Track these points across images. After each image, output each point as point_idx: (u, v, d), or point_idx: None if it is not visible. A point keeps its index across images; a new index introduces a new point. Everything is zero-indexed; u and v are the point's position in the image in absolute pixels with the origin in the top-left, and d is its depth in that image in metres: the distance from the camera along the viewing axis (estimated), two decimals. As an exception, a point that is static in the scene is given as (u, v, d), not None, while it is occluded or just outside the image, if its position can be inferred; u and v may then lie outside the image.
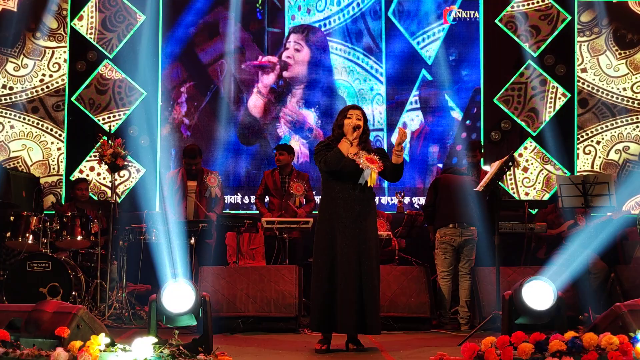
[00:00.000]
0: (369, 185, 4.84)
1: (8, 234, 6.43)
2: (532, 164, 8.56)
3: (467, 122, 8.65)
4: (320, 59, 8.72)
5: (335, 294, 4.76)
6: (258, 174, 8.44)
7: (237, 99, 8.65)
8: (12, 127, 8.54)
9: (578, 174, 8.21)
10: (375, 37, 8.72)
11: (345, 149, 4.84)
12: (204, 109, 8.63)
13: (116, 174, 6.63)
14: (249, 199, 8.43)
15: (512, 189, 8.57)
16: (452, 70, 8.69)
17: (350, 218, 4.82)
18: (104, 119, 8.56)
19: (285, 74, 8.66)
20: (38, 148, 8.55)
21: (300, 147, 8.55)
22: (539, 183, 8.55)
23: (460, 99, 8.69)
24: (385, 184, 8.40)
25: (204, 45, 8.72)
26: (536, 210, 7.58)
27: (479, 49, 8.70)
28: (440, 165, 8.51)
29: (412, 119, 8.69)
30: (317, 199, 7.67)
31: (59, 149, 8.55)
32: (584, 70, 8.62)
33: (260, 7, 8.75)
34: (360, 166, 4.79)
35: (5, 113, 8.56)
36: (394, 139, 5.31)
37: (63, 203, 7.90)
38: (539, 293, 4.17)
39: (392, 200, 8.46)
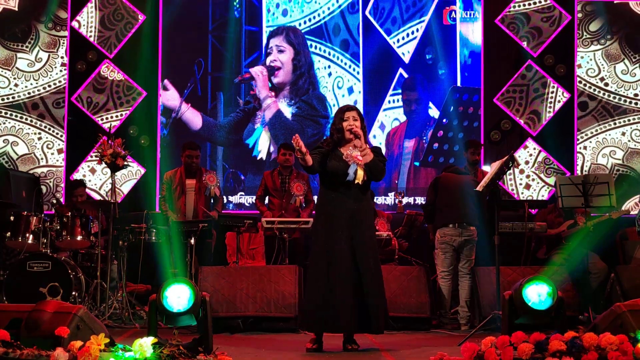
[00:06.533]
0: (356, 182, 4.80)
1: (8, 234, 6.43)
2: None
3: (444, 120, 8.64)
4: (301, 58, 8.73)
5: (332, 294, 4.72)
6: (235, 172, 8.52)
7: (214, 97, 8.66)
8: (11, 126, 8.55)
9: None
10: (354, 35, 8.74)
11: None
12: (180, 107, 8.63)
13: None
14: (226, 198, 8.35)
15: (512, 189, 8.57)
16: (429, 69, 8.70)
17: (345, 218, 4.81)
18: (104, 119, 8.56)
19: (273, 78, 8.67)
20: (38, 147, 8.55)
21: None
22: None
23: (437, 97, 8.68)
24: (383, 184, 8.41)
25: (181, 41, 8.69)
26: (536, 210, 7.58)
27: (455, 49, 8.70)
28: (417, 164, 8.59)
29: (389, 117, 8.70)
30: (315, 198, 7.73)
31: (59, 149, 8.55)
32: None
33: (237, 6, 8.75)
34: (348, 162, 4.80)
35: (6, 113, 8.57)
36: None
37: (63, 203, 7.89)
38: (539, 293, 4.17)
39: (386, 199, 8.48)
